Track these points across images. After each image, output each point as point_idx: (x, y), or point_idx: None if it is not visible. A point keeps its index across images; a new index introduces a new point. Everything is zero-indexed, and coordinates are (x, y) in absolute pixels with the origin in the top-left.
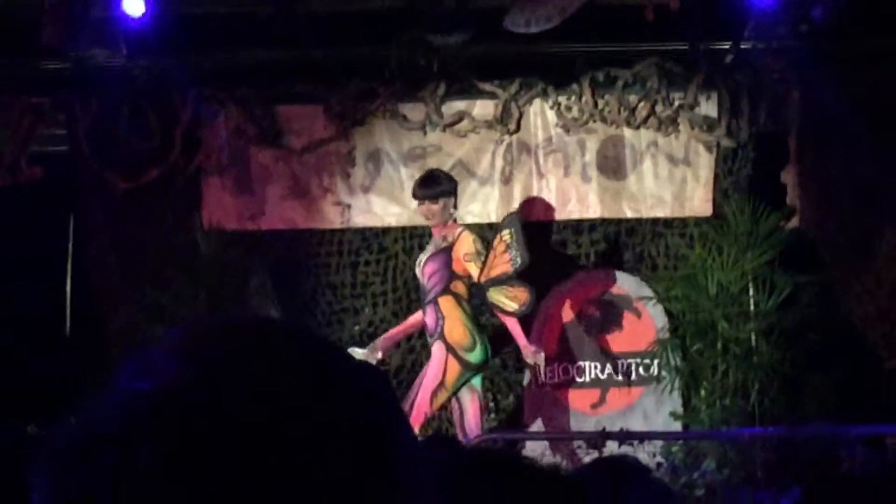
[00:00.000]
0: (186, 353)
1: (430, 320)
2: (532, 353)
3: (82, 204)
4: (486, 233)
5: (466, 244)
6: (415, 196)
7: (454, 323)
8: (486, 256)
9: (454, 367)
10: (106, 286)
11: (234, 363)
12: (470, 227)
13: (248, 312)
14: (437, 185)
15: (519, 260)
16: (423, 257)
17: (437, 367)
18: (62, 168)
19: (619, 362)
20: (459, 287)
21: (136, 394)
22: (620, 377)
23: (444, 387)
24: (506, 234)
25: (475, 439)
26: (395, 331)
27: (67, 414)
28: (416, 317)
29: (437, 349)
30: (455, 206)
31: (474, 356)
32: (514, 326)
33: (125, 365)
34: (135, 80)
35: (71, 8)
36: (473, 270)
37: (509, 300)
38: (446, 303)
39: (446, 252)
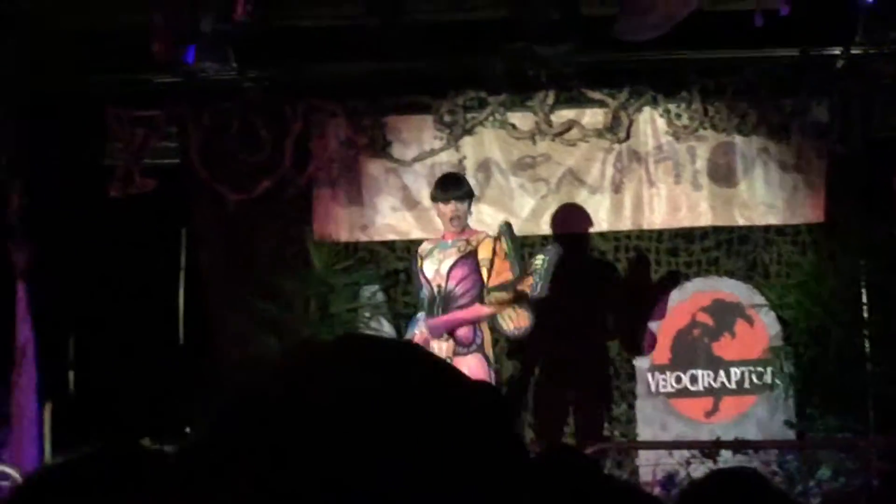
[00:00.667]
0: (294, 371)
1: (463, 330)
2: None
3: (194, 216)
4: (597, 241)
5: (485, 249)
6: (439, 197)
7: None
8: (492, 262)
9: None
10: (218, 297)
11: (340, 381)
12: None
13: (359, 330)
14: (463, 185)
15: (517, 268)
16: (443, 262)
17: None
18: (174, 180)
19: (732, 370)
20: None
21: (236, 407)
22: (733, 385)
23: None
24: (500, 243)
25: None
26: (450, 318)
27: (181, 426)
28: (475, 311)
29: (478, 363)
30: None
31: None
32: (471, 314)
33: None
34: (245, 93)
35: (180, 23)
36: (485, 275)
37: (508, 318)
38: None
39: (473, 257)
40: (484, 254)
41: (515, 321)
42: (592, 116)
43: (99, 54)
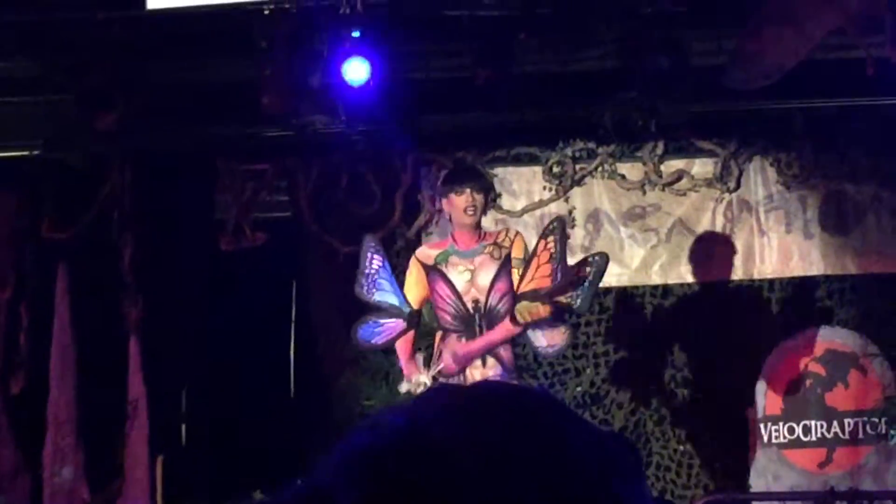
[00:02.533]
0: (414, 411)
1: (507, 352)
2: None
3: (305, 268)
4: (705, 291)
5: (520, 248)
6: (452, 186)
7: None
8: (529, 263)
9: None
10: (329, 349)
11: (459, 423)
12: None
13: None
14: (481, 175)
15: (559, 275)
16: (477, 272)
17: None
18: (285, 233)
19: (846, 421)
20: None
21: (353, 446)
22: (847, 436)
23: None
24: (550, 241)
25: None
26: (484, 342)
27: (293, 479)
28: (503, 328)
29: None
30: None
31: None
32: (498, 336)
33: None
34: (354, 146)
35: (290, 76)
36: (515, 278)
37: (541, 334)
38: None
39: (509, 264)
40: (516, 252)
41: (549, 338)
42: (702, 166)
43: (209, 108)
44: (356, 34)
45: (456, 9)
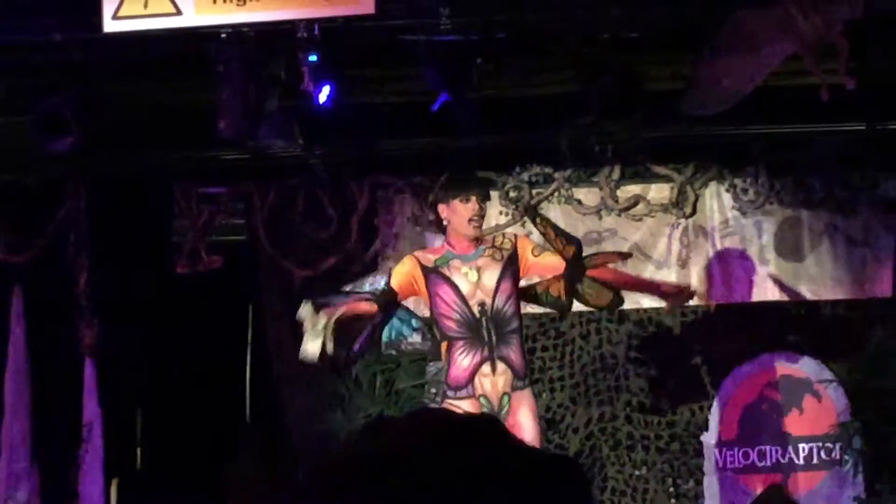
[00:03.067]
0: (375, 439)
1: (517, 357)
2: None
3: (260, 292)
4: (663, 317)
5: (529, 243)
6: (457, 193)
7: None
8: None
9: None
10: (284, 374)
11: (422, 462)
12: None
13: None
14: (482, 183)
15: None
16: (482, 274)
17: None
18: (241, 257)
19: (801, 446)
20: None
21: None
22: (802, 461)
23: None
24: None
25: None
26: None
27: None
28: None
29: (532, 402)
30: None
31: None
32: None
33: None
34: (311, 170)
35: (246, 100)
36: (553, 259)
37: (597, 297)
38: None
39: (514, 264)
40: (530, 245)
41: (595, 298)
42: (658, 191)
43: (166, 132)
44: (313, 58)
45: (413, 34)
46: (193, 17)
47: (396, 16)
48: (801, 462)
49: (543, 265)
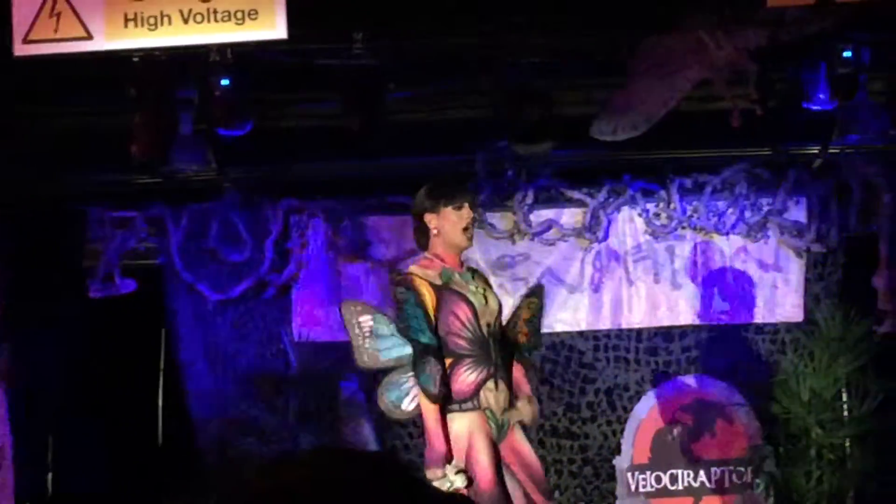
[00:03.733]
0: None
1: (518, 373)
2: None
3: (174, 316)
4: (576, 341)
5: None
6: (448, 200)
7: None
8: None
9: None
10: (197, 398)
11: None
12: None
13: (340, 429)
14: (471, 190)
15: (536, 340)
16: (487, 293)
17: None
18: (154, 281)
19: (713, 470)
20: (522, 339)
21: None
22: (713, 485)
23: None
24: (533, 302)
25: None
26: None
27: None
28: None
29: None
30: None
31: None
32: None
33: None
34: (225, 194)
35: (160, 123)
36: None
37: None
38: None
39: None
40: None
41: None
42: (570, 216)
43: (79, 155)
44: (226, 82)
45: (327, 58)
46: (104, 41)
47: (309, 40)
48: (713, 485)
49: None
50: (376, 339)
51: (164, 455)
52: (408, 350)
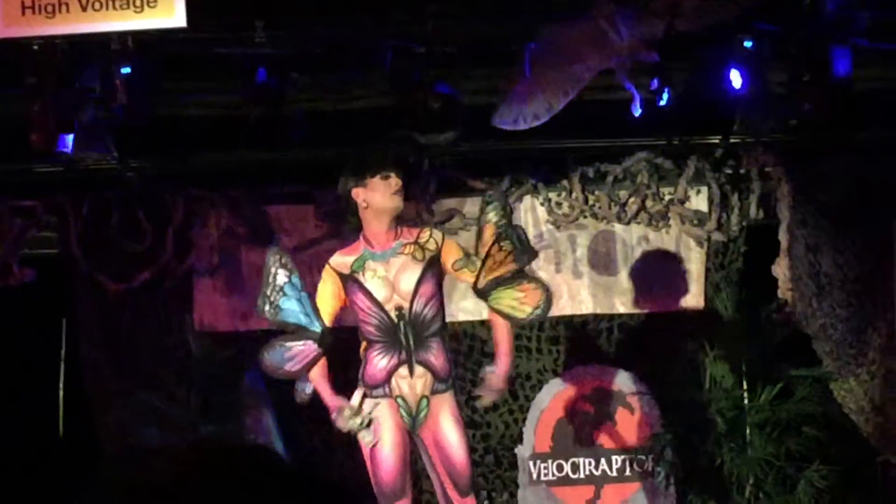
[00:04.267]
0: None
1: (439, 360)
2: (498, 384)
3: (74, 306)
4: (479, 330)
5: (454, 249)
6: (375, 168)
7: None
8: (483, 255)
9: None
10: (98, 388)
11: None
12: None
13: (242, 418)
14: (404, 157)
15: (520, 248)
16: (399, 276)
17: (464, 443)
18: (54, 271)
19: (614, 458)
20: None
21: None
22: (615, 473)
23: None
24: (491, 215)
25: None
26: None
27: None
28: (501, 326)
29: (454, 405)
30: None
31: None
32: (504, 337)
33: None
34: (126, 183)
35: (60, 112)
36: (468, 278)
37: (520, 304)
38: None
39: (436, 266)
40: (454, 254)
41: (528, 301)
42: (473, 205)
43: None
44: (126, 70)
45: (227, 47)
46: (2, 28)
47: (210, 29)
48: (614, 474)
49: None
50: (282, 297)
51: (65, 445)
52: (304, 321)
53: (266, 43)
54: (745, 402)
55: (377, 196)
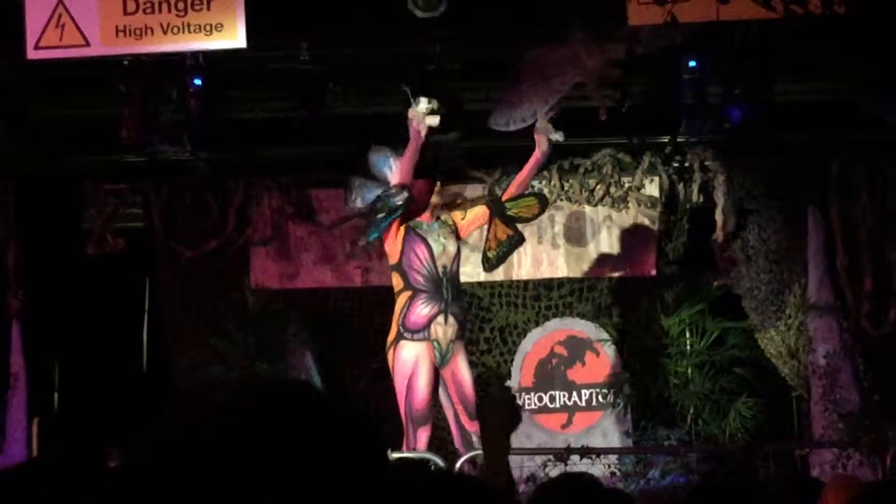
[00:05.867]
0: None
1: (462, 313)
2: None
3: (155, 269)
4: (476, 289)
5: (456, 214)
6: (426, 172)
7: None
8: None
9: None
10: (174, 333)
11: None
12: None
13: (286, 358)
14: (439, 164)
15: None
16: (447, 242)
17: (472, 378)
18: (140, 240)
19: (583, 391)
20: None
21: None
22: (584, 403)
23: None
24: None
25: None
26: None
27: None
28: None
29: (463, 353)
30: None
31: None
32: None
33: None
34: (196, 171)
35: (145, 113)
36: (476, 210)
37: (526, 209)
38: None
39: (455, 235)
40: (458, 217)
41: (530, 209)
42: (473, 190)
43: (78, 139)
44: (198, 81)
45: (278, 63)
46: (100, 47)
47: (264, 49)
48: (584, 404)
49: (472, 219)
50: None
51: (148, 378)
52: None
53: (308, 60)
54: (688, 347)
55: (416, 194)
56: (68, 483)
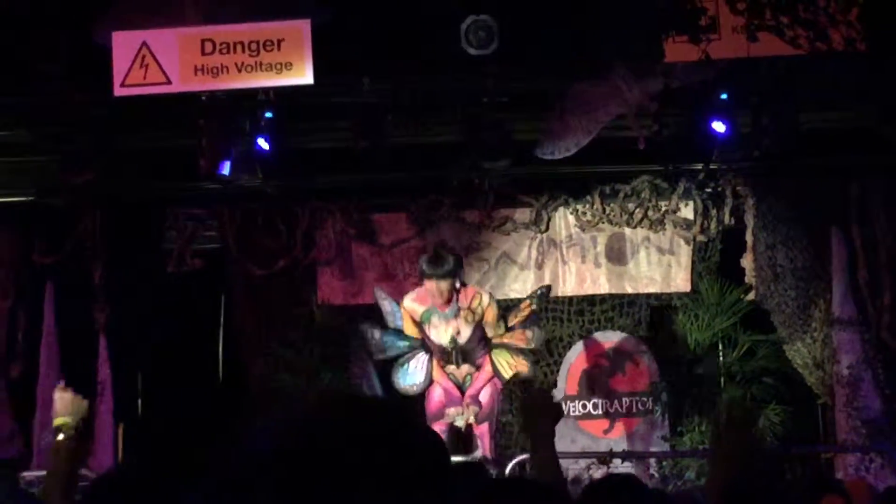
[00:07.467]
0: (295, 424)
1: (479, 358)
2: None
3: (230, 286)
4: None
5: (492, 314)
6: (427, 274)
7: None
8: (507, 320)
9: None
10: (247, 346)
11: (331, 434)
12: (491, 295)
13: (349, 369)
14: (445, 265)
15: (534, 342)
16: (459, 332)
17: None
18: (216, 260)
19: (623, 399)
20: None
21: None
22: (624, 410)
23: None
24: (532, 304)
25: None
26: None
27: (220, 438)
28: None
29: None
30: (462, 282)
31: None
32: (482, 379)
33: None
34: (267, 196)
35: (221, 145)
36: (490, 332)
37: (508, 367)
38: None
39: (480, 324)
40: (488, 318)
41: (514, 369)
42: (521, 214)
43: (161, 167)
44: (269, 115)
45: (341, 97)
46: (180, 84)
47: (330, 84)
48: (624, 411)
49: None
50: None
51: (224, 388)
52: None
53: (370, 93)
54: (720, 359)
55: (427, 293)
56: (158, 490)
